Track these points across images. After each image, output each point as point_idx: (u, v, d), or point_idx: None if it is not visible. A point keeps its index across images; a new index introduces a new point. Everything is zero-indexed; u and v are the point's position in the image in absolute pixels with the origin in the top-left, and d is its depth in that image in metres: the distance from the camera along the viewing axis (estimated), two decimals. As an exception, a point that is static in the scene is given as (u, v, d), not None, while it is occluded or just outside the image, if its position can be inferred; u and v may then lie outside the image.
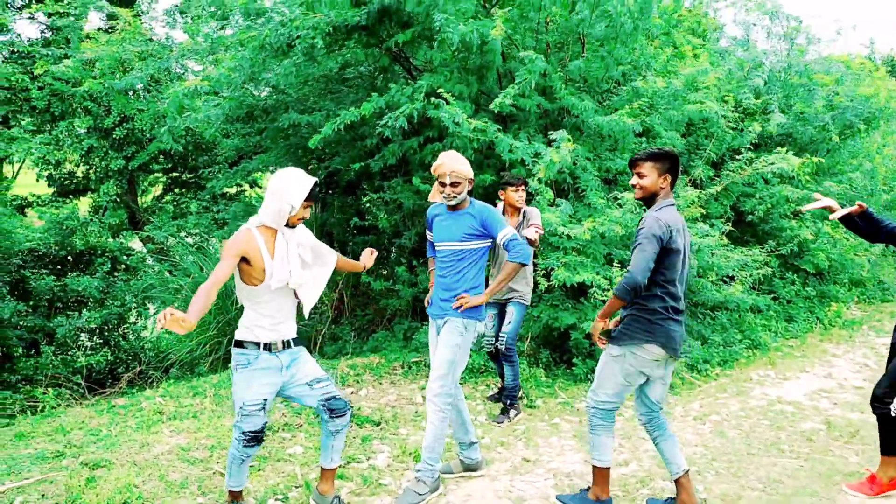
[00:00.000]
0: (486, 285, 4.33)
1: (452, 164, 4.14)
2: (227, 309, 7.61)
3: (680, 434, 5.36)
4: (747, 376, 6.92)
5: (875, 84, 9.71)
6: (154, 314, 9.15)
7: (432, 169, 4.21)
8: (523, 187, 5.61)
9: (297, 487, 4.29)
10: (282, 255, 3.54)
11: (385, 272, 8.99)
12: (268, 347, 3.59)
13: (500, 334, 5.63)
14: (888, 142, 11.48)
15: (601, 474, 4.00)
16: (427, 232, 4.51)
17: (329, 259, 3.93)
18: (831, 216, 4.20)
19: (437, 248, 4.33)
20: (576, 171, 6.66)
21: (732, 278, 7.53)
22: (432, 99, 6.29)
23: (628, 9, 6.37)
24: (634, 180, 3.78)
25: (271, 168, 9.74)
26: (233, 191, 11.97)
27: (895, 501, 4.25)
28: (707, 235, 6.91)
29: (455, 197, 4.17)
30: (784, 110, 8.98)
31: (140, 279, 9.12)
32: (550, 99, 6.78)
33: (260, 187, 12.30)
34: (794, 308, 9.05)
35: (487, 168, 7.11)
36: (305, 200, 3.53)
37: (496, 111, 6.21)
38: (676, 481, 3.93)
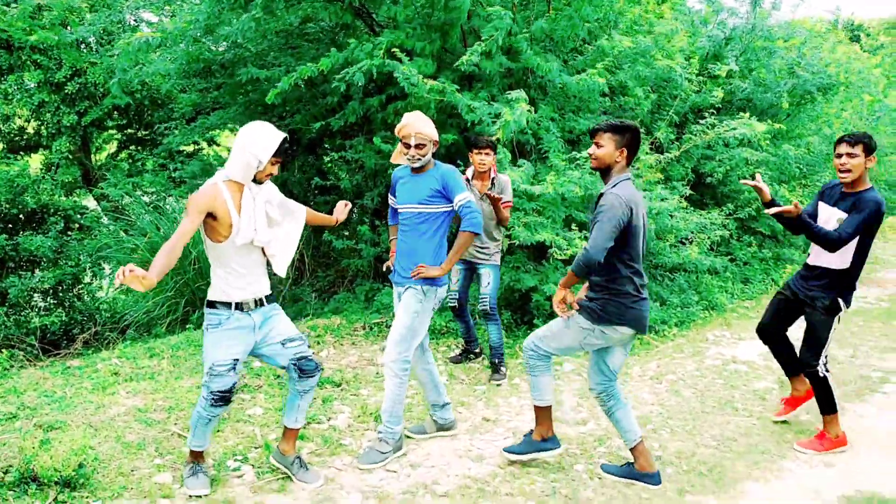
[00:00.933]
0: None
1: (417, 125, 4.07)
2: (185, 269, 7.49)
3: (637, 393, 5.46)
4: (703, 337, 7.05)
5: (837, 51, 9.82)
6: (110, 274, 8.97)
7: (396, 130, 4.14)
8: (488, 150, 5.43)
9: (256, 448, 4.27)
10: (248, 212, 3.46)
11: (347, 232, 8.92)
12: (239, 307, 3.54)
13: (482, 296, 5.58)
14: (846, 107, 11.62)
15: (544, 413, 4.10)
16: (390, 196, 4.45)
17: (299, 214, 3.87)
18: (766, 210, 4.20)
19: (399, 211, 4.27)
20: (539, 131, 6.63)
21: (691, 241, 7.63)
22: (388, 60, 6.16)
23: None
24: (592, 149, 3.76)
25: (230, 125, 9.53)
26: (190, 148, 11.70)
27: (842, 457, 4.39)
28: (665, 199, 6.95)
29: (419, 159, 4.10)
30: (745, 75, 9.05)
31: (95, 238, 8.90)
32: (514, 59, 6.71)
33: (218, 145, 12.04)
34: (751, 270, 9.23)
35: (450, 127, 7.05)
36: (273, 156, 3.45)
37: (473, 73, 6.13)
38: (632, 449, 4.00)
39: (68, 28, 10.10)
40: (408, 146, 4.09)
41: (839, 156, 4.24)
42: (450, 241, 4.32)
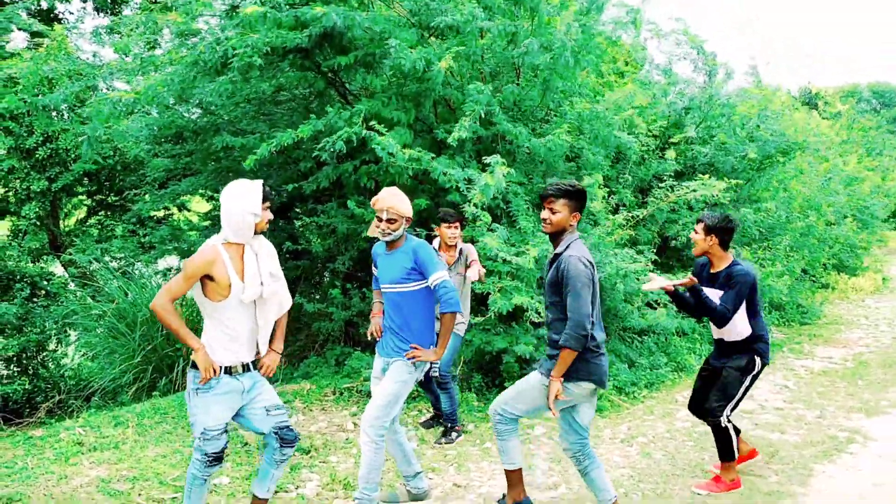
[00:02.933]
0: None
1: (390, 200, 4.13)
2: (153, 336, 7.41)
3: (608, 456, 5.45)
4: (673, 398, 7.09)
5: (793, 117, 10.21)
6: (76, 341, 8.82)
7: (371, 202, 4.20)
8: (457, 224, 5.65)
9: (223, 518, 4.18)
10: (252, 270, 3.53)
11: (318, 296, 8.90)
12: (228, 371, 3.55)
13: (433, 364, 5.63)
14: (804, 169, 12.02)
15: (514, 476, 4.10)
16: (374, 268, 4.49)
17: (285, 303, 3.85)
18: (669, 294, 4.73)
19: (383, 290, 4.30)
20: (508, 195, 6.76)
21: (659, 303, 7.74)
22: (367, 132, 6.29)
23: (571, 44, 6.55)
24: (545, 214, 3.82)
25: (201, 191, 9.56)
26: (160, 214, 11.68)
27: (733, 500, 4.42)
28: (635, 261, 7.08)
29: (389, 234, 4.16)
30: (707, 140, 9.34)
31: (61, 305, 8.79)
32: (485, 125, 6.89)
33: (188, 210, 12.03)
34: (718, 331, 9.35)
35: (422, 193, 7.15)
36: (263, 202, 3.52)
37: (438, 138, 6.29)
38: None
39: (39, 95, 10.14)
40: (380, 219, 4.15)
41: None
42: None
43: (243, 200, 3.47)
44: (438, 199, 7.08)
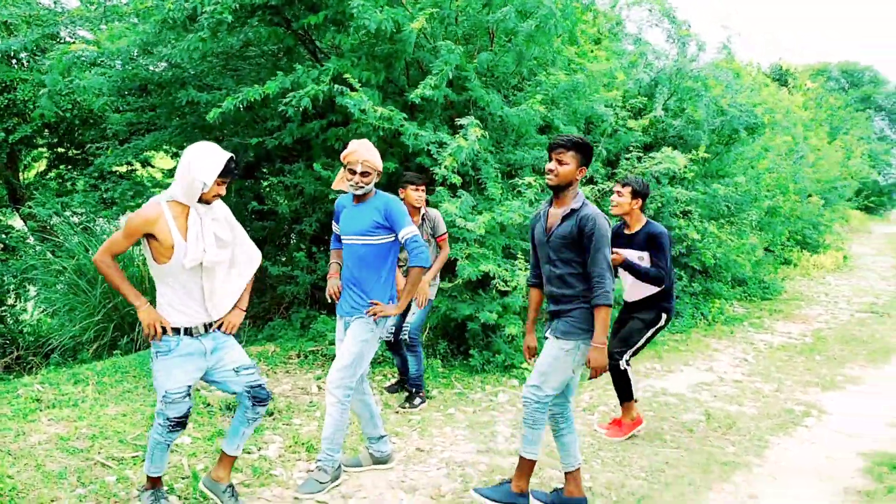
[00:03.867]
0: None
1: (364, 153, 4.10)
2: (114, 293, 7.31)
3: (570, 424, 5.55)
4: (635, 369, 7.22)
5: (761, 93, 10.27)
6: (35, 296, 8.67)
7: (342, 156, 4.15)
8: (423, 187, 5.63)
9: (183, 479, 4.18)
10: (195, 233, 3.41)
11: (284, 258, 8.85)
12: (189, 332, 3.49)
13: (404, 326, 5.66)
14: (771, 146, 12.15)
15: (530, 467, 4.01)
16: (334, 223, 4.46)
17: (255, 256, 3.78)
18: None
19: (344, 242, 4.28)
20: (478, 162, 6.75)
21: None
22: (337, 86, 6.22)
23: (555, 10, 6.49)
24: (552, 165, 3.75)
25: (165, 146, 9.39)
26: (123, 169, 11.44)
27: (769, 489, 4.55)
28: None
29: (362, 187, 4.12)
30: (677, 113, 9.39)
31: (20, 259, 8.63)
32: (457, 90, 6.84)
33: (152, 166, 11.82)
34: (681, 304, 9.51)
35: (391, 156, 7.10)
36: (220, 177, 3.40)
37: (409, 101, 6.22)
38: (568, 473, 4.05)
39: (-3, 42, 9.83)
40: (353, 172, 4.10)
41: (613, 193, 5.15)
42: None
43: (201, 165, 3.34)
44: (409, 164, 7.04)
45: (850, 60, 43.94)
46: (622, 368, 5.20)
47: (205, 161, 3.36)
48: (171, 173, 10.41)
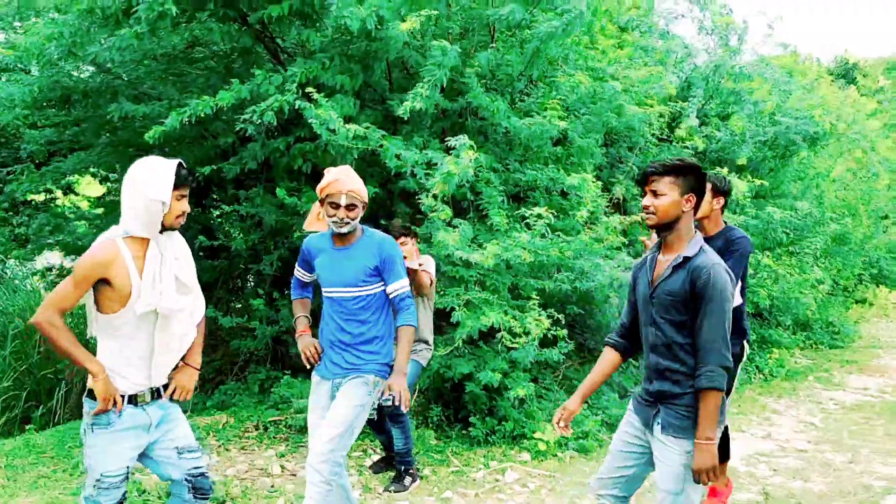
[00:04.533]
0: None
1: (349, 182, 4.12)
2: (28, 354, 7.28)
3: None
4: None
5: (817, 92, 10.26)
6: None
7: (319, 188, 4.15)
8: (404, 239, 5.57)
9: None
10: (153, 271, 3.40)
11: (238, 305, 8.83)
12: (133, 400, 3.45)
13: (384, 394, 5.60)
14: (838, 162, 12.22)
15: None
16: (299, 269, 4.44)
17: (200, 305, 3.77)
18: None
19: (326, 295, 4.27)
20: (478, 184, 6.76)
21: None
22: (302, 101, 6.21)
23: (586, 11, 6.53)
24: (647, 201, 3.56)
25: (92, 169, 9.40)
26: (40, 198, 11.48)
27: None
28: (629, 269, 7.12)
29: (349, 223, 4.13)
30: (718, 125, 9.44)
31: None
32: (451, 96, 6.87)
33: (76, 194, 11.84)
34: (731, 355, 9.48)
35: (371, 178, 7.11)
36: (175, 189, 3.41)
37: (393, 112, 6.20)
38: None
39: None
40: (335, 206, 4.10)
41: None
42: None
43: (149, 184, 3.33)
44: (391, 187, 7.05)
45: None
46: None
47: (153, 175, 3.36)
48: (99, 202, 10.42)
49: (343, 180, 4.11)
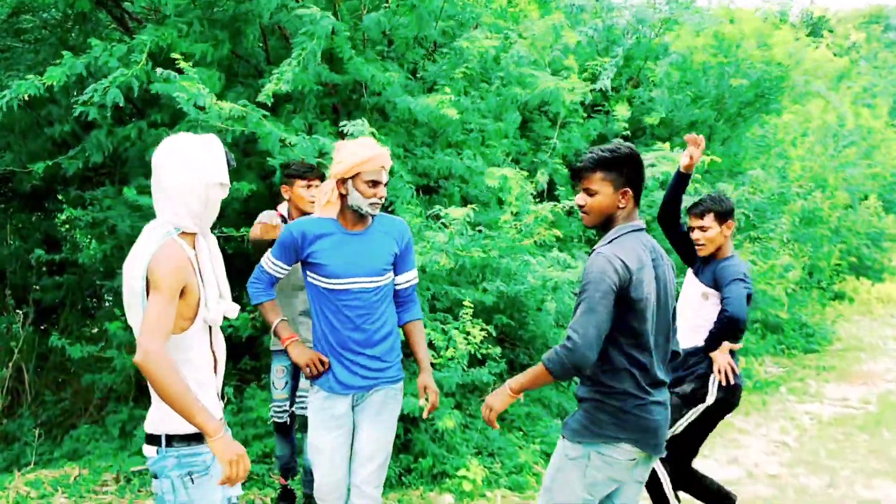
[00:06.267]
0: None
1: (387, 154, 4.17)
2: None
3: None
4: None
5: (773, 40, 10.37)
6: None
7: (350, 164, 4.06)
8: (318, 181, 5.41)
9: None
10: (210, 273, 3.31)
11: (91, 332, 8.68)
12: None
13: (298, 393, 5.57)
14: (805, 130, 12.47)
15: None
16: (277, 263, 4.29)
17: None
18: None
19: (338, 287, 4.17)
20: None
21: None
22: (160, 70, 6.11)
23: None
24: (580, 199, 3.72)
25: None
26: None
27: None
28: (568, 268, 7.16)
29: (379, 204, 4.19)
30: (657, 83, 9.57)
31: None
32: (339, 67, 6.85)
33: None
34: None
35: (248, 170, 7.05)
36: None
37: (266, 100, 6.10)
38: None
39: None
40: (375, 184, 4.09)
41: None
42: None
43: (205, 165, 3.20)
44: (271, 182, 6.98)
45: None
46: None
47: (211, 150, 3.25)
48: None
49: (384, 153, 4.15)
